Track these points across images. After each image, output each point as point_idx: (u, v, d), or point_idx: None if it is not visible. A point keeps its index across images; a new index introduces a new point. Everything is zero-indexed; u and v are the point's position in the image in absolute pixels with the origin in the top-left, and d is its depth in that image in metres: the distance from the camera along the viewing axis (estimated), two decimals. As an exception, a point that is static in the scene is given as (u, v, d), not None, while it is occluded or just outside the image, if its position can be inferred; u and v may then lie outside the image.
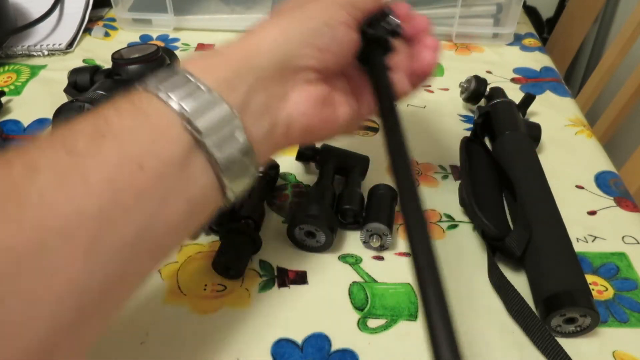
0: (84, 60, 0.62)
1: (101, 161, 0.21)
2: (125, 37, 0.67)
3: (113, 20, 0.70)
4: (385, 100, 0.31)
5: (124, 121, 0.23)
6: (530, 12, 1.09)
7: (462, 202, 0.43)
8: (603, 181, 0.46)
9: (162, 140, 0.23)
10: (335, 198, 0.41)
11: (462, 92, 0.54)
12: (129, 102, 0.24)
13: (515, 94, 0.54)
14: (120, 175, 0.22)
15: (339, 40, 0.30)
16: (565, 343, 0.33)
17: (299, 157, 0.45)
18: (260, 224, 0.40)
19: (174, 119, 0.24)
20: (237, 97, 0.26)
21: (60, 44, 0.63)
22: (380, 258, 0.39)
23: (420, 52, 0.35)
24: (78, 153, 0.21)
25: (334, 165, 0.43)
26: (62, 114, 0.41)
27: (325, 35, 0.29)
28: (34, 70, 0.60)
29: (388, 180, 0.45)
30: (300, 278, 0.38)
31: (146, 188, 0.22)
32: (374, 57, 0.33)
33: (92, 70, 0.51)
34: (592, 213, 0.43)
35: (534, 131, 0.48)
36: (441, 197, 0.44)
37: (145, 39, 0.67)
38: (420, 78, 0.36)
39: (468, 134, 0.50)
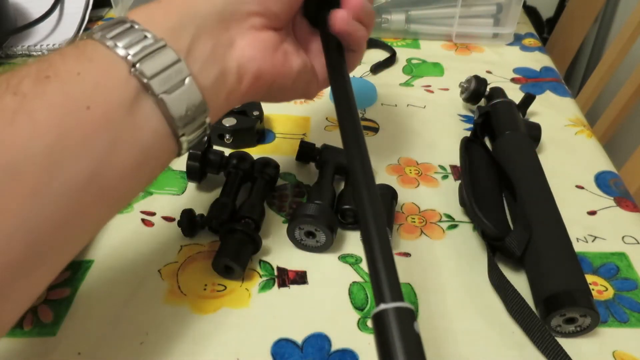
0: (84, 60, 0.62)
1: (47, 102, 0.22)
2: (125, 37, 0.67)
3: (113, 20, 0.70)
4: (334, 63, 0.32)
5: (68, 65, 0.23)
6: (530, 12, 1.09)
7: (462, 202, 0.43)
8: (603, 181, 0.46)
9: (107, 84, 0.23)
10: (335, 198, 0.41)
11: (462, 92, 0.54)
12: (74, 47, 0.24)
13: (515, 94, 0.54)
14: (66, 117, 0.22)
15: None
16: (565, 343, 0.33)
17: (299, 157, 0.45)
18: (260, 224, 0.40)
19: (120, 64, 0.24)
20: (181, 44, 0.26)
21: (60, 44, 0.63)
22: (380, 258, 0.39)
23: None
24: (23, 94, 0.21)
25: (334, 165, 0.43)
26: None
27: None
28: (34, 70, 0.60)
29: (388, 180, 0.46)
30: (300, 278, 0.38)
31: (93, 130, 0.22)
32: (322, 20, 0.33)
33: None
34: (592, 213, 0.43)
35: (534, 131, 0.48)
36: (441, 197, 0.44)
37: (145, 39, 0.67)
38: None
39: (468, 134, 0.50)
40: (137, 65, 0.24)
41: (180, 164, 0.46)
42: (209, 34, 0.27)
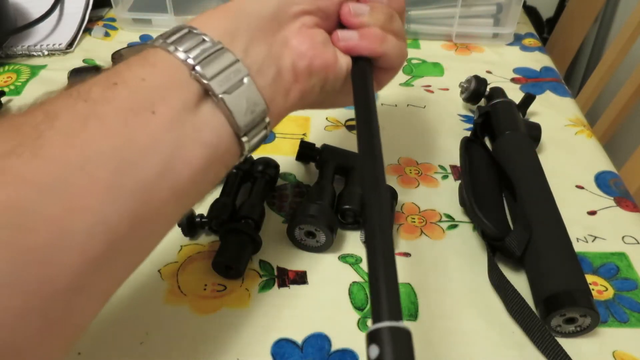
0: (84, 60, 0.62)
1: (115, 106, 0.23)
2: (125, 37, 0.67)
3: (113, 20, 0.70)
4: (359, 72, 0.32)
5: (133, 72, 0.24)
6: (530, 12, 1.09)
7: (462, 202, 0.43)
8: (603, 181, 0.46)
9: (171, 87, 0.24)
10: (335, 198, 0.41)
11: (462, 92, 0.54)
12: (138, 56, 0.25)
13: (515, 94, 0.54)
14: (133, 120, 0.23)
15: None
16: (565, 343, 0.33)
17: (299, 157, 0.45)
18: (260, 224, 0.40)
19: (181, 68, 0.25)
20: (238, 46, 0.27)
21: (60, 44, 0.63)
22: (380, 258, 0.39)
23: None
24: (93, 100, 0.23)
25: (334, 165, 0.43)
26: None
27: None
28: (34, 70, 0.60)
29: (388, 180, 0.45)
30: (300, 278, 0.38)
31: (159, 131, 0.23)
32: None
33: (92, 70, 0.51)
34: (592, 213, 0.43)
35: (534, 131, 0.48)
36: (441, 197, 0.44)
37: (145, 39, 0.67)
38: None
39: (468, 134, 0.50)
40: (197, 67, 0.25)
41: (180, 164, 0.46)
42: (263, 35, 0.28)
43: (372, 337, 0.20)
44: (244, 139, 0.27)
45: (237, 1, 0.29)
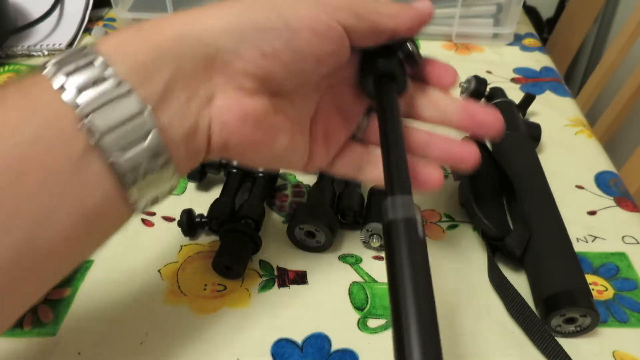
0: (84, 60, 0.62)
1: None
2: (125, 37, 0.67)
3: (113, 20, 0.70)
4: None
5: (5, 113, 0.20)
6: (530, 12, 1.09)
7: (462, 202, 0.43)
8: (603, 181, 0.46)
9: (49, 139, 0.20)
10: (335, 198, 0.41)
11: (462, 92, 0.54)
12: (19, 87, 0.21)
13: (515, 94, 0.54)
14: None
15: (298, 49, 0.24)
16: (565, 343, 0.33)
17: (299, 157, 0.45)
18: (260, 224, 0.40)
19: (67, 114, 0.20)
20: (152, 88, 0.22)
21: (60, 44, 0.63)
22: (380, 258, 0.39)
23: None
24: None
25: (334, 165, 0.43)
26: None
27: (277, 37, 0.23)
28: (34, 70, 0.60)
29: (388, 180, 0.45)
30: (300, 278, 0.38)
31: (28, 199, 0.19)
32: (382, 87, 0.29)
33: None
34: (592, 213, 0.43)
35: (534, 131, 0.48)
36: (441, 197, 0.44)
37: (145, 39, 0.67)
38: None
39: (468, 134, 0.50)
40: (88, 117, 0.20)
41: (180, 164, 0.46)
42: (188, 81, 0.23)
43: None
44: (141, 202, 0.23)
45: (171, 27, 0.23)
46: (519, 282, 0.37)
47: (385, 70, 0.28)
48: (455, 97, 0.31)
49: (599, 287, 0.37)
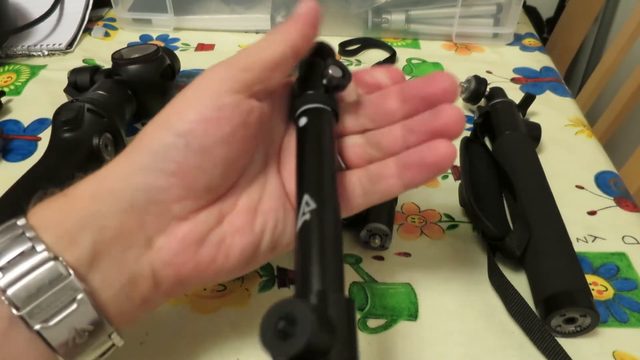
0: (84, 60, 0.62)
1: None
2: (125, 37, 0.67)
3: (113, 20, 0.70)
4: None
5: None
6: (530, 12, 1.09)
7: (462, 202, 0.43)
8: (603, 181, 0.46)
9: None
10: (335, 198, 0.41)
11: (462, 92, 0.54)
12: None
13: (515, 94, 0.54)
14: None
15: (201, 146, 0.23)
16: (565, 343, 0.33)
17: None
18: (260, 224, 0.40)
19: None
20: (78, 252, 0.21)
21: (60, 44, 0.63)
22: (380, 258, 0.39)
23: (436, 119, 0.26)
24: None
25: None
26: (62, 114, 0.41)
27: (176, 151, 0.23)
28: (34, 70, 0.60)
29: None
30: (300, 278, 0.38)
31: None
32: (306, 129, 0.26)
33: (92, 70, 0.51)
34: (592, 213, 0.43)
35: (534, 131, 0.48)
36: (441, 197, 0.44)
37: (145, 39, 0.67)
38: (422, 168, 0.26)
39: (468, 134, 0.50)
40: (10, 291, 0.20)
41: (180, 164, 0.46)
42: (117, 236, 0.22)
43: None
44: None
45: (87, 190, 0.23)
46: (519, 282, 0.37)
47: (306, 108, 0.27)
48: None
49: (599, 287, 0.37)
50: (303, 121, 0.26)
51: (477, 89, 0.52)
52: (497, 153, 0.45)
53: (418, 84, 0.28)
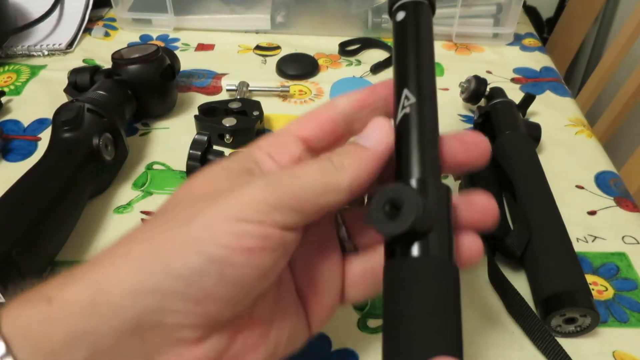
0: (84, 60, 0.62)
1: None
2: (125, 37, 0.67)
3: (113, 20, 0.70)
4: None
5: None
6: (530, 12, 1.09)
7: (462, 202, 0.43)
8: (603, 181, 0.46)
9: None
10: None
11: (462, 92, 0.54)
12: None
13: (515, 94, 0.54)
14: None
15: (235, 277, 0.19)
16: (565, 343, 0.33)
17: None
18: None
19: None
20: None
21: (60, 44, 0.63)
22: (380, 258, 0.39)
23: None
24: None
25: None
26: (62, 114, 0.41)
27: (205, 276, 0.19)
28: (34, 70, 0.60)
29: (388, 180, 0.45)
30: (300, 278, 0.37)
31: None
32: None
33: (92, 70, 0.51)
34: (592, 213, 0.43)
35: (534, 131, 0.48)
36: (441, 197, 0.44)
37: (145, 39, 0.67)
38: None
39: (468, 134, 0.49)
40: None
41: (180, 164, 0.46)
42: (113, 355, 0.19)
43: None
44: None
45: (79, 296, 0.19)
46: (519, 282, 0.37)
47: (404, 2, 0.27)
48: None
49: (599, 287, 0.37)
50: (401, 15, 0.26)
51: (477, 89, 0.52)
52: (497, 153, 0.45)
53: (451, 149, 0.25)
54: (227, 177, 0.21)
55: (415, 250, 0.20)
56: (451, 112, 0.54)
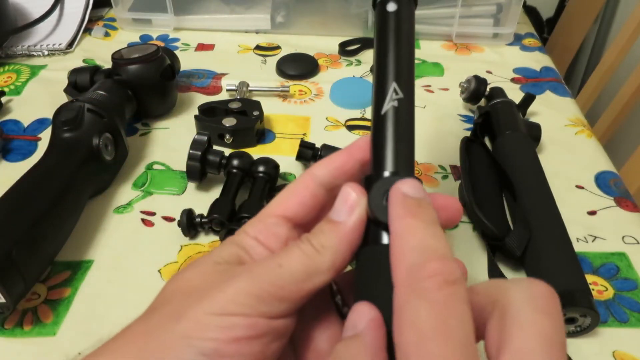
0: (84, 60, 0.62)
1: None
2: (125, 37, 0.67)
3: (113, 20, 0.70)
4: None
5: None
6: (530, 12, 1.09)
7: (462, 202, 0.43)
8: (603, 181, 0.46)
9: None
10: (335, 198, 0.41)
11: (462, 92, 0.54)
12: None
13: (515, 94, 0.54)
14: None
15: None
16: (565, 343, 0.33)
17: (299, 157, 0.45)
18: (260, 224, 0.39)
19: None
20: None
21: (60, 44, 0.63)
22: (380, 258, 0.39)
23: None
24: None
25: (334, 165, 0.43)
26: (62, 114, 0.41)
27: None
28: (34, 70, 0.60)
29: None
30: (300, 278, 0.37)
31: None
32: None
33: (92, 70, 0.51)
34: (592, 213, 0.43)
35: (534, 131, 0.48)
36: (441, 197, 0.44)
37: (145, 39, 0.67)
38: None
39: (468, 134, 0.50)
40: None
41: (180, 164, 0.46)
42: None
43: None
44: None
45: None
46: (519, 282, 0.37)
47: None
48: None
49: (599, 287, 0.37)
50: (392, 7, 0.27)
51: (477, 89, 0.52)
52: (497, 153, 0.45)
53: None
54: (216, 269, 0.22)
55: (385, 238, 0.22)
56: (451, 112, 0.54)
